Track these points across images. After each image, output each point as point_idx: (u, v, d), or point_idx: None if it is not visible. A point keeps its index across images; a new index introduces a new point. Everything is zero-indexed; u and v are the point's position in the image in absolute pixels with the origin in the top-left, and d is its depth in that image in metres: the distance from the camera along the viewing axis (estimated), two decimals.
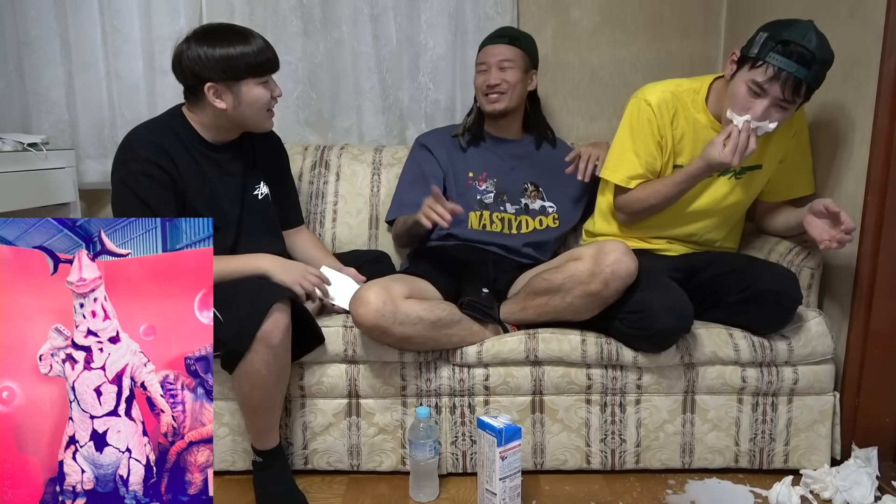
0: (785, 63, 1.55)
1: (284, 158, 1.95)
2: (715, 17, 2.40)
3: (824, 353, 1.67)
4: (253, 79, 1.61)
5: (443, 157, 2.04)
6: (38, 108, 2.35)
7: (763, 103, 1.61)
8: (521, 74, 1.99)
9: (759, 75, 1.59)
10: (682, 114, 1.80)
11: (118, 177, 1.60)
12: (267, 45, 1.64)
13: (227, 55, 1.57)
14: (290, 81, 2.38)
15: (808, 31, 1.56)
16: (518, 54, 1.99)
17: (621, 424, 1.71)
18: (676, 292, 1.61)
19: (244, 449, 1.69)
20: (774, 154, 1.82)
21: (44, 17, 2.30)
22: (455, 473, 1.74)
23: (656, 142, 1.80)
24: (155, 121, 1.70)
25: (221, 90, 1.60)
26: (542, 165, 2.06)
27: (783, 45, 1.55)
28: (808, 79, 1.57)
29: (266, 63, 1.63)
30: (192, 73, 1.59)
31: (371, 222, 2.19)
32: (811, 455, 1.72)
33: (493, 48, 2.00)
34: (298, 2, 2.33)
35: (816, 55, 1.54)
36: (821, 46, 1.56)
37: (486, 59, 2.00)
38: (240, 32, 1.62)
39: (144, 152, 1.58)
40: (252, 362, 1.48)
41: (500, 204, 2.00)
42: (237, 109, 1.63)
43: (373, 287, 1.59)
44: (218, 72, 1.58)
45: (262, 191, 1.81)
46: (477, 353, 1.67)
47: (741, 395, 1.70)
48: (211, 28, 1.63)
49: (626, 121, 1.85)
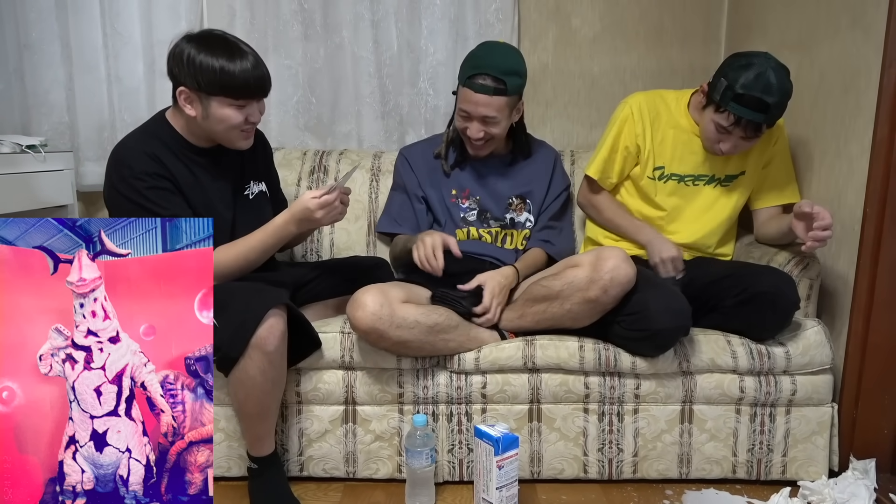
0: (743, 112, 1.69)
1: (269, 152, 1.91)
2: (715, 27, 2.42)
3: (822, 363, 1.67)
4: (226, 98, 1.53)
5: (423, 175, 1.99)
6: (37, 110, 2.35)
7: (730, 140, 1.76)
8: (507, 121, 1.85)
9: (723, 120, 1.73)
10: (665, 118, 1.91)
11: (120, 195, 1.54)
12: (254, 68, 1.54)
13: (206, 65, 1.49)
14: (290, 86, 2.39)
15: (765, 73, 1.65)
16: (503, 104, 1.79)
17: (619, 434, 1.70)
18: (674, 293, 1.62)
19: (240, 455, 1.68)
20: (757, 160, 1.91)
21: (44, 19, 2.30)
22: (451, 482, 1.73)
23: (625, 146, 1.93)
24: (140, 131, 1.64)
25: (192, 98, 1.54)
26: (526, 174, 2.01)
27: (739, 96, 1.67)
28: (766, 121, 1.70)
29: (243, 87, 1.53)
30: (170, 70, 1.55)
31: (370, 228, 2.18)
32: (809, 466, 1.71)
33: (475, 97, 1.78)
34: (300, 6, 2.33)
35: (770, 101, 1.66)
36: (779, 87, 1.66)
37: (468, 109, 1.80)
38: (231, 47, 1.53)
39: (142, 166, 1.53)
40: (247, 369, 1.46)
41: (484, 221, 1.97)
42: (205, 121, 1.56)
43: (370, 291, 1.58)
44: (191, 79, 1.51)
45: (254, 190, 1.78)
46: (474, 360, 1.67)
47: (739, 406, 1.70)
48: (208, 33, 1.56)
49: (610, 123, 1.98)
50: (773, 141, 1.90)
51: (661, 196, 1.92)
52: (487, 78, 1.76)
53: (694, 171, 1.90)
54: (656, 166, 1.91)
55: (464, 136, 1.91)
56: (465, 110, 1.82)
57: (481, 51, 1.85)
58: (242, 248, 1.61)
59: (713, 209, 1.92)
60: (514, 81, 1.79)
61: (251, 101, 1.58)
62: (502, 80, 1.77)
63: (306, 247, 2.19)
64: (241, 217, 1.72)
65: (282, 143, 2.41)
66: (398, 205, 2.02)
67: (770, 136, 1.88)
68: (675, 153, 1.90)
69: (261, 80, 1.57)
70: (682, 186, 1.91)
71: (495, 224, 1.97)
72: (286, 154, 2.28)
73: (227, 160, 1.71)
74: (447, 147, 2.00)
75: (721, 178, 1.91)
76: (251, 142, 1.66)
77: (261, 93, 1.59)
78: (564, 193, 2.08)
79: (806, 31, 1.87)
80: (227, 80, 1.51)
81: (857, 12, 1.71)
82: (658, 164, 1.91)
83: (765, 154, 1.90)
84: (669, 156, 1.90)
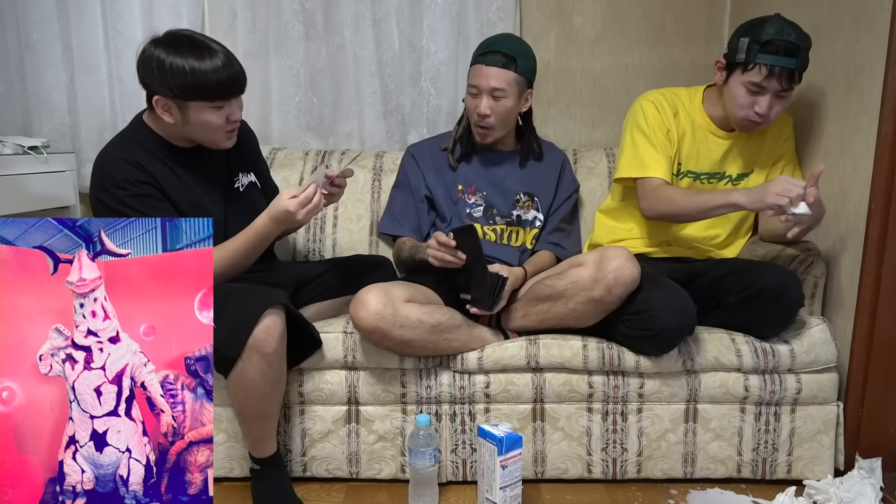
0: (776, 59, 1.66)
1: (254, 140, 1.87)
2: (718, 25, 2.41)
3: (828, 361, 1.66)
4: (203, 102, 1.50)
5: (430, 173, 2.00)
6: (39, 112, 2.36)
7: (766, 99, 1.71)
8: (515, 101, 1.86)
9: (755, 76, 1.69)
10: (682, 113, 1.87)
11: (104, 206, 1.53)
12: (226, 66, 1.49)
13: (176, 69, 1.45)
14: (292, 86, 2.38)
15: (783, 25, 1.66)
16: (512, 80, 1.83)
17: (623, 433, 1.69)
18: (679, 291, 1.61)
19: (242, 455, 1.68)
20: (766, 159, 1.89)
21: (46, 21, 2.31)
22: (455, 482, 1.72)
23: (665, 133, 1.85)
24: (120, 137, 1.62)
25: (169, 105, 1.51)
26: (534, 175, 2.02)
27: (767, 44, 1.66)
28: (798, 66, 1.68)
29: (217, 88, 1.49)
30: (142, 79, 1.51)
31: (372, 228, 2.18)
32: (814, 465, 1.70)
33: (485, 70, 1.83)
34: (301, 6, 2.33)
35: (800, 44, 1.66)
36: (799, 35, 1.67)
37: (477, 83, 1.84)
38: (198, 46, 1.49)
39: (123, 174, 1.52)
40: (246, 371, 1.46)
41: (490, 217, 1.97)
42: (186, 127, 1.54)
43: (372, 290, 1.58)
44: (164, 87, 1.47)
45: (243, 182, 1.76)
46: (478, 360, 1.66)
47: (744, 405, 1.69)
48: (172, 35, 1.51)
49: (632, 122, 1.89)
50: (783, 139, 1.88)
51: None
52: (497, 54, 1.83)
53: (710, 168, 1.88)
54: (677, 162, 1.88)
55: (472, 119, 1.92)
56: (475, 84, 1.86)
57: (492, 37, 1.93)
58: (226, 252, 1.59)
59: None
60: (523, 61, 1.85)
61: (228, 101, 1.54)
62: (512, 57, 1.83)
63: (308, 246, 2.19)
64: (233, 212, 1.70)
65: (283, 143, 2.41)
66: (400, 204, 2.02)
67: (779, 134, 1.87)
68: (691, 150, 1.87)
69: (234, 78, 1.52)
70: (697, 184, 1.88)
71: (501, 221, 1.97)
72: (288, 154, 2.28)
73: (211, 156, 1.69)
74: (454, 143, 2.00)
75: (733, 176, 1.89)
76: (233, 141, 1.63)
77: (237, 90, 1.56)
78: (574, 195, 2.08)
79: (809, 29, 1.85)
80: (200, 83, 1.47)
81: (861, 9, 1.70)
82: (678, 160, 1.88)
83: (774, 152, 1.88)
84: (686, 153, 1.87)
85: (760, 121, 1.75)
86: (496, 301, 1.67)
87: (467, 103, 1.92)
